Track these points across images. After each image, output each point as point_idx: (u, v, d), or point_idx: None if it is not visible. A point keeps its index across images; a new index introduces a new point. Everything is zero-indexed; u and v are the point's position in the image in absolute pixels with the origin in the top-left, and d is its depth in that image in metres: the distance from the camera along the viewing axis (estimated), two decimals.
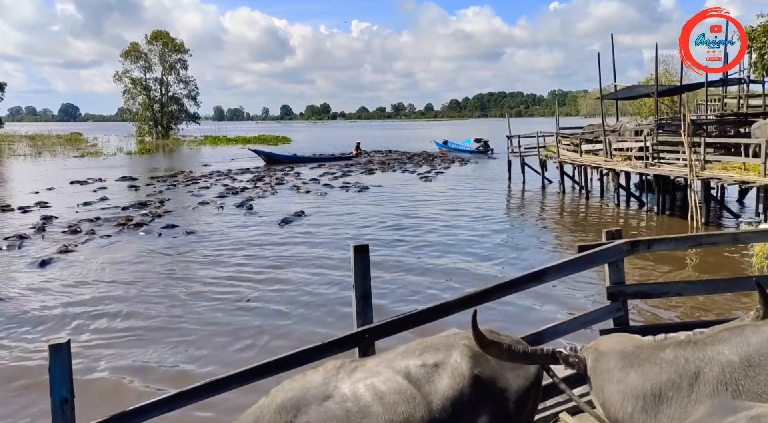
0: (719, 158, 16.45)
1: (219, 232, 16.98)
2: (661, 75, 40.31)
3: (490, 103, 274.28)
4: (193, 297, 10.91)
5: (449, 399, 2.51)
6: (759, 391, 1.96)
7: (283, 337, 8.72)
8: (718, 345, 2.16)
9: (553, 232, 17.94)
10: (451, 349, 2.68)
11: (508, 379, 2.61)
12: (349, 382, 2.69)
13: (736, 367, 2.06)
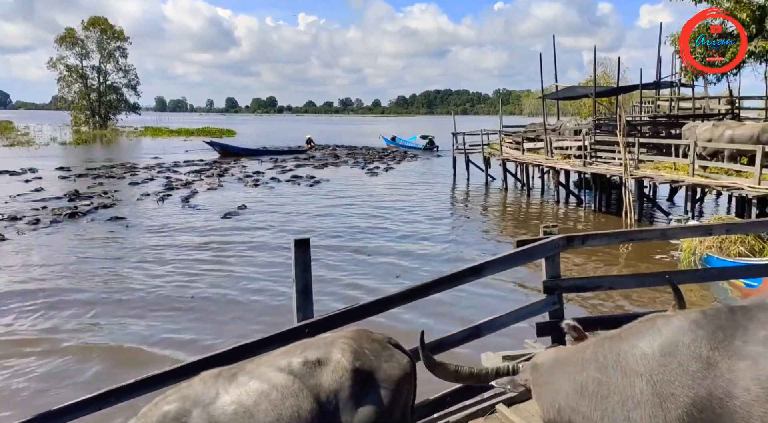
0: (652, 158, 17.16)
1: (159, 226, 16.52)
2: (600, 76, 41.63)
3: (437, 100, 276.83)
4: (130, 292, 10.60)
5: (333, 391, 2.66)
6: (671, 378, 2.07)
7: (224, 334, 8.58)
8: (633, 339, 2.26)
9: (495, 227, 18.32)
10: (332, 346, 2.83)
11: (385, 370, 2.80)
12: (231, 387, 2.72)
13: (650, 358, 2.16)
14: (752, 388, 1.93)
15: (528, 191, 23.74)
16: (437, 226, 17.84)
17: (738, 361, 1.98)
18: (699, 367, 2.06)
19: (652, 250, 13.24)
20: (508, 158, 24.39)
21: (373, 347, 2.91)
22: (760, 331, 2.04)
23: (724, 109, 21.04)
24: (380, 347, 2.95)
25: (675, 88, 23.12)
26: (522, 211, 21.33)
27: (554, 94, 25.11)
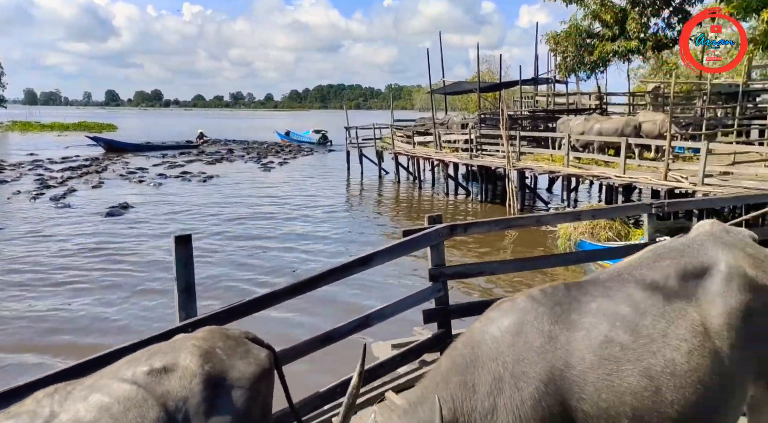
0: (532, 150, 18.21)
1: (31, 228, 15.25)
2: (485, 73, 43.57)
3: (330, 94, 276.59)
4: None
5: (182, 399, 2.50)
6: (521, 357, 2.20)
7: (105, 334, 8.12)
8: (483, 327, 2.35)
9: (388, 219, 18.65)
10: (180, 350, 2.66)
11: (240, 369, 2.68)
12: (68, 403, 2.49)
13: (500, 341, 2.26)
14: (587, 356, 2.08)
15: (419, 184, 24.36)
16: (333, 219, 17.89)
17: (574, 332, 2.13)
18: (542, 342, 2.17)
19: (535, 236, 14.11)
20: (399, 152, 24.88)
21: (227, 345, 2.76)
22: (591, 303, 2.21)
23: (593, 104, 22.75)
24: (235, 344, 2.80)
25: (551, 85, 24.65)
26: (414, 202, 21.86)
27: (442, 89, 25.90)
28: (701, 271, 2.33)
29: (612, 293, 2.27)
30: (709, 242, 2.45)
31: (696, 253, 2.41)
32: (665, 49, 18.46)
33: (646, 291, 2.26)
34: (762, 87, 18.53)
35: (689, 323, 2.19)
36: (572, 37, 17.83)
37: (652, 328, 2.14)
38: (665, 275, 2.31)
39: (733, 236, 2.54)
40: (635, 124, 15.69)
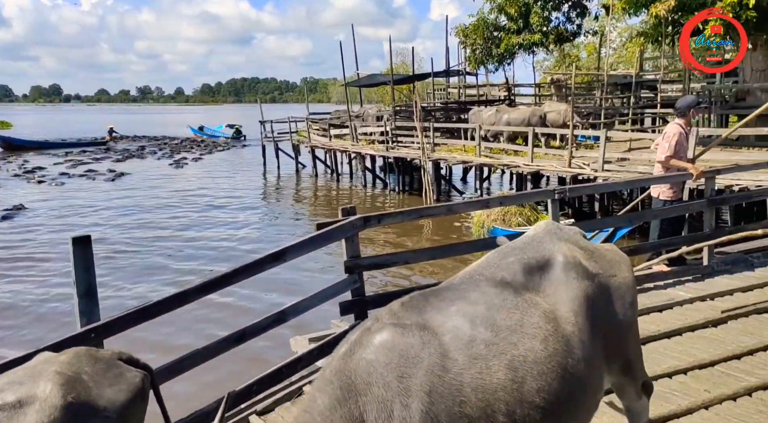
0: (446, 141, 18.61)
1: None
2: (399, 66, 44.03)
3: (244, 88, 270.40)
4: None
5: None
6: (401, 373, 2.09)
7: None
8: (355, 354, 2.18)
9: (307, 213, 18.53)
10: (38, 379, 2.33)
11: (109, 396, 2.39)
12: None
13: (375, 365, 2.13)
14: (459, 358, 2.10)
15: (337, 177, 24.34)
16: (250, 215, 17.55)
17: (443, 337, 2.14)
18: (415, 352, 2.12)
19: (451, 225, 14.49)
20: (316, 145, 24.74)
21: (95, 370, 2.43)
22: (450, 307, 2.25)
23: (502, 95, 23.55)
24: (104, 368, 2.48)
25: (462, 76, 25.30)
26: (332, 196, 21.83)
27: (356, 82, 25.95)
28: (543, 263, 2.45)
29: (467, 295, 2.33)
30: (546, 238, 2.60)
31: (536, 249, 2.53)
32: (566, 41, 19.40)
33: (498, 288, 2.34)
34: (654, 77, 19.82)
35: (541, 311, 2.28)
36: (480, 30, 18.36)
37: (509, 321, 2.21)
38: (513, 271, 2.42)
39: (566, 232, 2.71)
40: (540, 114, 16.39)
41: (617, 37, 36.31)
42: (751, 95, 14.69)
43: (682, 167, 6.36)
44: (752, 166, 7.38)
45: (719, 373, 4.01)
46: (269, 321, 4.47)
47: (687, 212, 6.77)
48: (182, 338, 7.57)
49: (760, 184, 9.48)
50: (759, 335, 4.59)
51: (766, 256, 6.73)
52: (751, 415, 3.44)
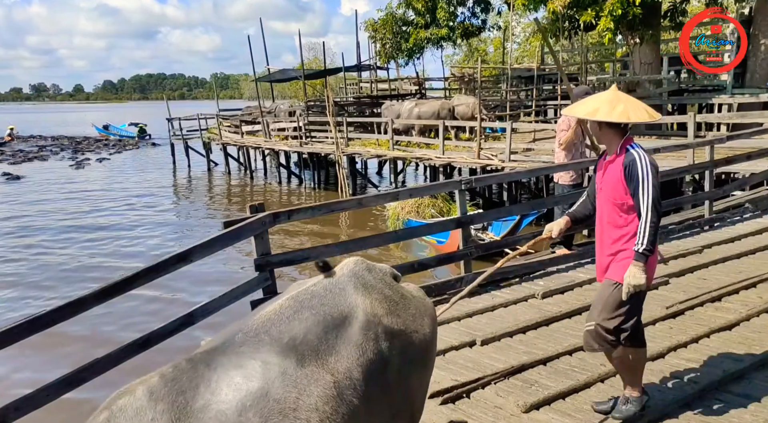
0: (359, 136, 18.68)
1: None
2: (312, 61, 43.70)
3: (150, 84, 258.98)
4: None
5: None
6: None
7: None
8: None
9: (221, 213, 18.04)
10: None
11: None
12: None
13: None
14: None
15: (251, 174, 23.86)
16: (160, 216, 16.88)
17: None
18: None
19: (368, 218, 14.58)
20: (228, 142, 24.13)
21: None
22: (221, 382, 1.95)
23: (414, 89, 23.90)
24: None
25: (373, 71, 25.45)
26: (247, 193, 21.37)
27: (267, 77, 25.52)
28: (340, 320, 2.16)
29: (244, 362, 1.99)
30: (350, 285, 2.28)
31: (336, 300, 2.22)
32: (473, 36, 19.94)
33: (281, 354, 2.02)
34: (555, 71, 20.76)
35: (322, 389, 2.00)
36: (389, 24, 18.53)
37: (283, 403, 1.92)
38: (304, 330, 2.10)
39: (375, 275, 2.40)
40: (449, 107, 16.78)
41: (521, 32, 37.76)
42: (640, 87, 15.71)
43: None
44: None
45: None
46: (176, 324, 4.32)
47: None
48: None
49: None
50: (648, 310, 4.90)
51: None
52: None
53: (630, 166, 2.97)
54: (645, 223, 2.93)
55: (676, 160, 10.61)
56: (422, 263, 5.92)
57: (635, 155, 2.99)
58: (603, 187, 3.15)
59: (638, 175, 2.94)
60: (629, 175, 2.97)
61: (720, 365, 3.85)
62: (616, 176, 3.03)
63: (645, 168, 2.95)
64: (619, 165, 3.03)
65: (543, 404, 3.49)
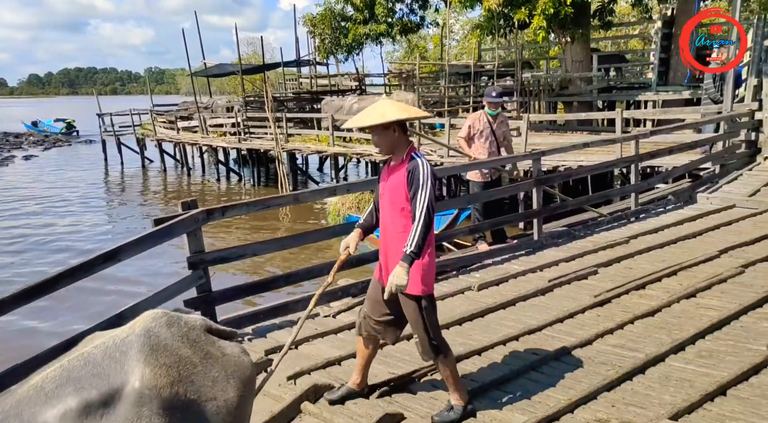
0: (299, 132, 18.49)
1: None
2: (251, 56, 42.89)
3: (80, 79, 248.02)
4: None
5: None
6: None
7: None
8: None
9: (157, 210, 17.49)
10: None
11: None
12: None
13: None
14: None
15: (188, 171, 23.25)
16: (93, 216, 16.23)
17: None
18: None
19: (310, 214, 14.48)
20: (163, 138, 23.41)
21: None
22: None
23: (353, 85, 23.85)
24: None
25: (313, 66, 25.25)
26: (184, 191, 20.80)
27: (204, 71, 24.91)
28: (108, 397, 1.82)
29: None
30: (135, 348, 1.92)
31: (111, 369, 1.87)
32: (411, 32, 20.08)
33: None
34: (491, 67, 21.16)
35: None
36: (327, 20, 18.41)
37: None
38: (60, 413, 1.75)
39: (174, 332, 2.04)
40: None
41: (460, 29, 38.31)
42: (572, 84, 16.25)
43: (466, 151, 7.01)
44: (570, 147, 8.17)
45: (545, 337, 4.41)
46: (103, 326, 4.15)
47: (518, 192, 7.35)
48: None
49: (582, 164, 10.53)
50: (578, 299, 5.11)
51: (585, 228, 7.50)
52: (570, 370, 3.83)
53: (413, 171, 3.04)
54: (417, 227, 2.99)
55: (605, 154, 11.06)
56: (361, 258, 5.91)
57: (419, 162, 3.07)
58: (386, 192, 3.19)
59: (419, 180, 3.01)
60: (411, 180, 3.04)
61: (643, 349, 4.03)
62: (399, 181, 3.10)
63: (426, 175, 3.03)
64: (403, 170, 3.09)
65: (477, 393, 3.56)
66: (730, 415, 3.21)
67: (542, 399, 3.48)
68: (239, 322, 4.91)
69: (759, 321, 4.44)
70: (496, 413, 3.35)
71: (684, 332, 4.22)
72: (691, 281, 5.30)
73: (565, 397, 3.42)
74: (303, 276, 5.53)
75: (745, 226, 7.16)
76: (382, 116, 3.04)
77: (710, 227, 7.10)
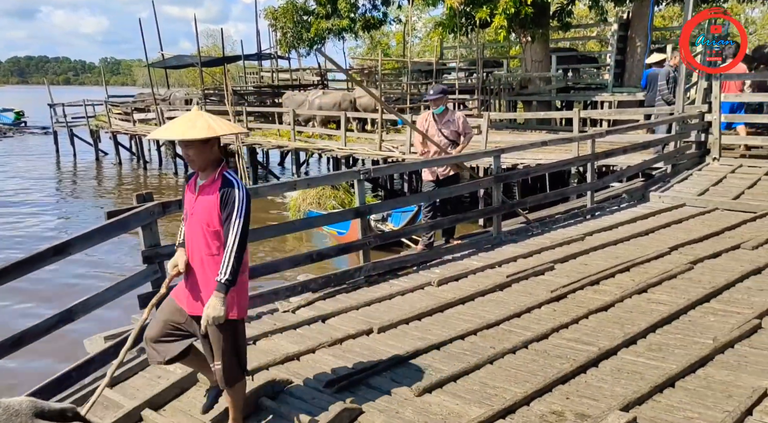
0: (260, 126, 18.26)
1: None
2: (211, 48, 42.16)
3: (30, 68, 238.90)
4: None
5: None
6: None
7: None
8: None
9: (111, 206, 17.03)
10: None
11: None
12: None
13: None
14: None
15: (144, 164, 22.71)
16: (42, 211, 15.66)
17: None
18: None
19: (269, 209, 14.31)
20: (118, 131, 22.80)
21: None
22: None
23: (315, 80, 23.69)
24: None
25: (274, 60, 24.96)
26: (140, 185, 20.31)
27: (161, 63, 24.34)
28: None
29: None
30: None
31: None
32: (374, 29, 20.04)
33: None
34: (454, 65, 21.35)
35: None
36: (289, 13, 18.20)
37: None
38: None
39: None
40: (350, 99, 16.79)
41: (423, 28, 38.48)
42: (531, 83, 16.50)
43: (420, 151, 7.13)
44: (529, 145, 8.29)
45: (503, 331, 4.47)
46: (54, 321, 4.02)
47: (478, 189, 7.41)
48: None
49: (540, 162, 10.71)
50: (535, 295, 5.20)
51: (543, 225, 7.64)
52: (526, 364, 3.89)
53: (228, 193, 2.88)
54: (230, 253, 2.84)
55: (563, 153, 11.28)
56: (321, 253, 5.89)
57: (234, 182, 2.92)
58: (196, 212, 2.97)
59: (234, 203, 2.86)
60: (225, 202, 2.87)
61: (596, 343, 4.13)
62: (212, 202, 2.91)
63: (241, 198, 2.88)
64: (215, 189, 2.91)
65: (435, 387, 3.58)
66: (678, 406, 3.31)
67: (499, 392, 3.53)
68: None
69: (706, 315, 4.60)
70: (454, 407, 3.38)
71: (635, 326, 4.34)
72: (642, 277, 5.46)
73: (521, 390, 3.48)
74: (260, 271, 5.46)
75: (694, 225, 7.41)
76: (210, 130, 2.82)
77: (662, 225, 7.32)
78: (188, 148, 2.90)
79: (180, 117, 2.96)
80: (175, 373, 3.92)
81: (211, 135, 2.84)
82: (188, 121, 2.87)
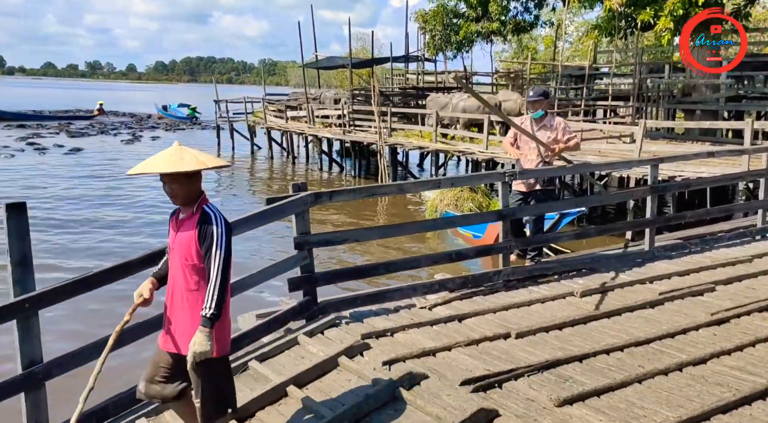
0: (403, 127, 18.62)
1: None
2: (359, 50, 43.77)
3: (200, 68, 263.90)
4: None
5: None
6: None
7: None
8: None
9: (262, 195, 18.29)
10: None
11: None
12: None
13: None
14: None
15: (293, 159, 24.10)
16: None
17: None
18: None
19: (405, 208, 14.57)
20: (272, 126, 24.40)
21: None
22: None
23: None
24: None
25: (421, 63, 25.34)
26: (288, 177, 21.59)
27: (315, 63, 25.67)
28: None
29: None
30: None
31: None
32: (524, 32, 19.64)
33: None
34: (608, 71, 20.32)
35: None
36: (439, 16, 18.39)
37: None
38: None
39: None
40: (495, 102, 16.55)
41: (574, 31, 36.99)
42: (696, 91, 15.20)
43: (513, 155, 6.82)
44: (692, 155, 7.65)
45: (653, 350, 4.17)
46: None
47: (632, 199, 6.97)
48: None
49: (701, 175, 9.84)
50: (692, 316, 4.79)
51: (703, 242, 7.01)
52: (680, 388, 3.59)
53: (205, 226, 2.82)
54: (213, 288, 2.76)
55: (729, 167, 10.27)
56: (460, 253, 5.88)
57: (211, 214, 2.86)
58: (176, 247, 2.91)
59: (212, 235, 2.79)
60: (204, 235, 2.81)
61: (764, 375, 3.71)
62: (190, 236, 2.84)
63: (221, 229, 2.81)
64: (193, 224, 2.85)
65: (577, 400, 3.43)
66: None
67: (648, 414, 3.29)
68: (338, 306, 5.03)
69: None
70: (596, 422, 3.21)
71: None
72: None
73: (674, 415, 3.22)
74: (401, 265, 5.57)
75: None
76: (199, 163, 2.82)
77: None
78: (173, 183, 2.88)
79: (163, 152, 2.94)
80: (317, 356, 4.12)
81: (200, 167, 2.86)
82: (175, 155, 2.87)
